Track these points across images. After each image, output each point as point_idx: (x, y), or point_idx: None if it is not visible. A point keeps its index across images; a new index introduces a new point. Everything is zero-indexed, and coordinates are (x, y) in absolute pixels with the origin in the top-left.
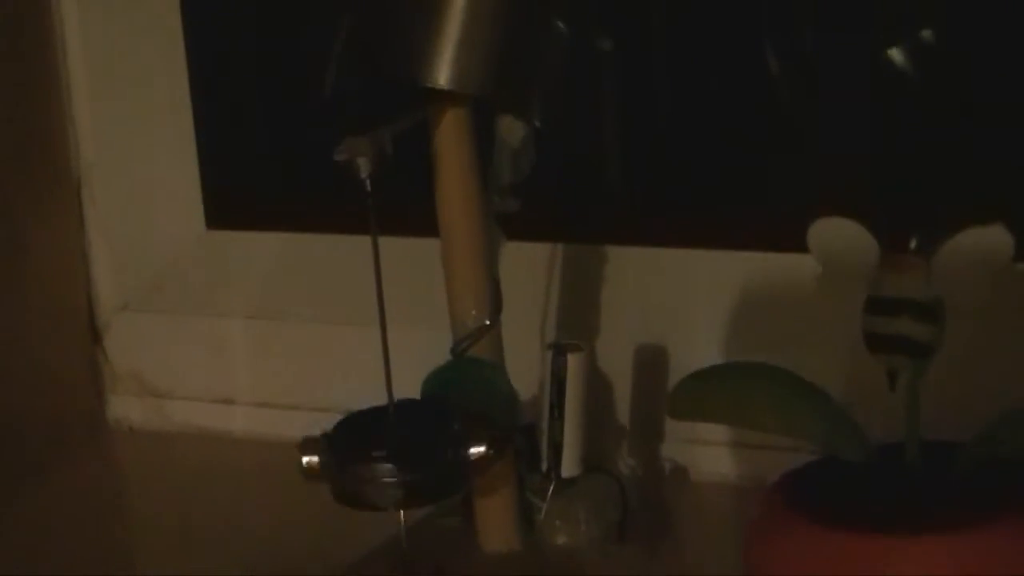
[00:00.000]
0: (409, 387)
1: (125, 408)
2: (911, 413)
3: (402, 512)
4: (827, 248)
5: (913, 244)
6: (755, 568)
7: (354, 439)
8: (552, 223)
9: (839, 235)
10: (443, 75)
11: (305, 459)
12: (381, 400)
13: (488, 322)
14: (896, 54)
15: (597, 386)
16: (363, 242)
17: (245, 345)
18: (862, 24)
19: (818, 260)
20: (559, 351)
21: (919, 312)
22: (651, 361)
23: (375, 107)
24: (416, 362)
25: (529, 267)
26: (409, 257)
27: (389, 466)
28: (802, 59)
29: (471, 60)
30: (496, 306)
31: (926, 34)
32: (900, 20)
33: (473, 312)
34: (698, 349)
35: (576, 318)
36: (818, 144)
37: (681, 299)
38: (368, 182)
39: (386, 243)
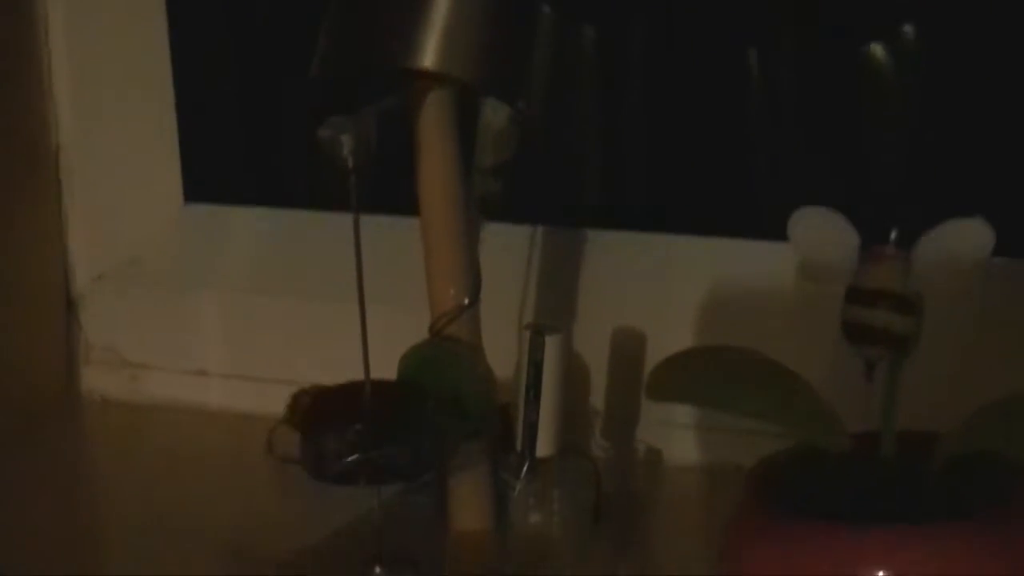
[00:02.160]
0: (383, 366)
1: (98, 379)
2: (888, 404)
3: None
4: (807, 237)
5: (893, 235)
6: (729, 555)
7: (329, 414)
8: (532, 206)
9: (819, 224)
10: (427, 58)
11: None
12: (355, 376)
13: (467, 302)
14: (878, 53)
15: (573, 369)
16: (342, 219)
17: (221, 318)
18: (846, 22)
19: (798, 249)
20: (537, 332)
21: (897, 304)
22: (628, 345)
23: (359, 92)
24: (392, 341)
25: (508, 250)
26: (388, 236)
27: (364, 441)
28: (787, 51)
29: (455, 43)
30: (475, 286)
31: (907, 32)
32: (882, 19)
33: (452, 291)
34: (676, 335)
35: (554, 301)
36: (802, 134)
37: (660, 285)
38: (350, 159)
39: (366, 221)
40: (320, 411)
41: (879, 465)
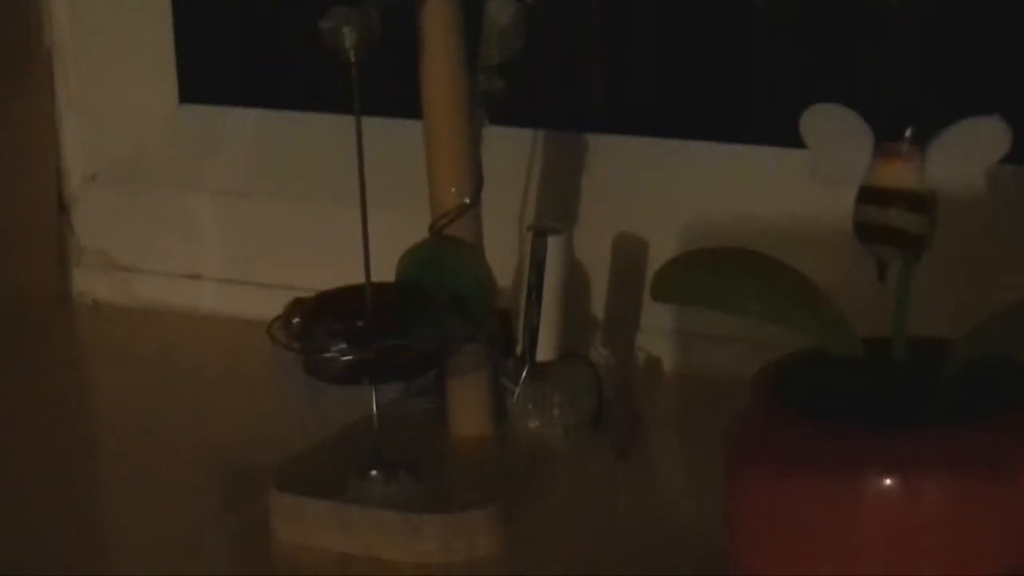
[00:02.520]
0: (381, 271)
1: (90, 281)
2: (900, 307)
3: (374, 390)
4: (820, 134)
5: (908, 133)
6: (734, 456)
7: (329, 312)
8: (534, 109)
9: (833, 121)
10: None
11: (279, 331)
12: (352, 280)
13: (468, 201)
14: None
15: (574, 274)
16: (339, 121)
17: (215, 221)
18: None
19: (811, 146)
20: (539, 232)
21: (912, 203)
22: (630, 251)
23: None
24: (391, 244)
25: (510, 153)
26: (387, 138)
27: (364, 338)
28: None
29: None
30: (477, 186)
31: None
32: None
33: (453, 190)
34: (678, 241)
35: (556, 206)
36: (813, 35)
37: (663, 191)
38: (352, 53)
39: (364, 123)
40: (320, 310)
41: (890, 369)
